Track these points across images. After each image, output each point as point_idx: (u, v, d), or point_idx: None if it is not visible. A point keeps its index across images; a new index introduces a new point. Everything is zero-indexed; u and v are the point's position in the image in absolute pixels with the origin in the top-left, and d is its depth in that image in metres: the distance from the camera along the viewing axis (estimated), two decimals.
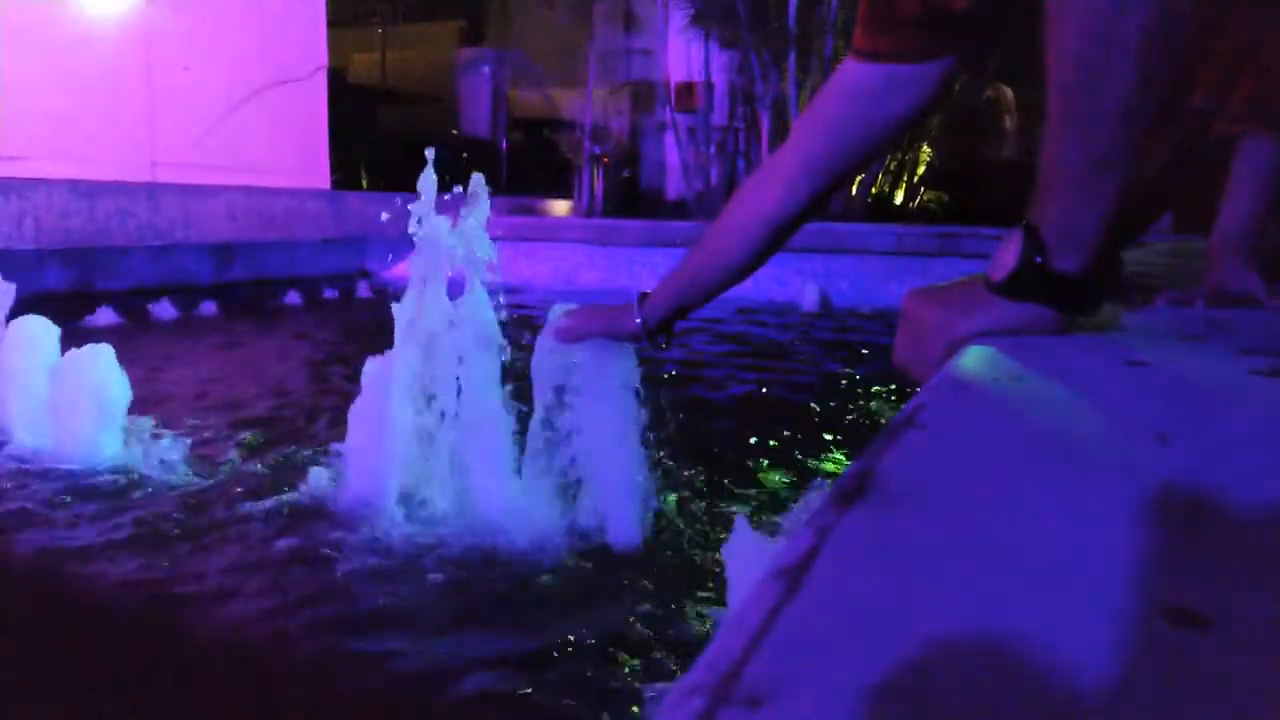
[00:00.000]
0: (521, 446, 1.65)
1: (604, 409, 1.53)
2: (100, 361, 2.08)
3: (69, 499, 1.82)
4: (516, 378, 1.66)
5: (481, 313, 1.67)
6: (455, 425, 1.70)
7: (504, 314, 1.69)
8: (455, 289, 1.71)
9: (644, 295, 1.36)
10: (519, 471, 1.65)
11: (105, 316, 4.14)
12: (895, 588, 0.36)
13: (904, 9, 1.02)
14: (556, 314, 1.51)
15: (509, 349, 1.68)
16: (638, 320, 1.35)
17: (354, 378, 1.83)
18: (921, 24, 1.02)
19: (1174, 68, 0.77)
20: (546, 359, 1.52)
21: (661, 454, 1.63)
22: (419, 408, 1.72)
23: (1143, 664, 0.30)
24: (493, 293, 1.70)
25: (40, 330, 2.20)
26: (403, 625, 1.34)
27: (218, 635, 1.35)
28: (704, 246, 1.27)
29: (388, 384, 1.73)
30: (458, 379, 1.68)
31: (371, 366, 1.77)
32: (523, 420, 1.65)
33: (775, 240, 1.21)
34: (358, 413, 1.79)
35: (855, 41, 1.10)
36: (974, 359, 0.81)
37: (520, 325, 1.73)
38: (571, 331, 1.47)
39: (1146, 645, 0.31)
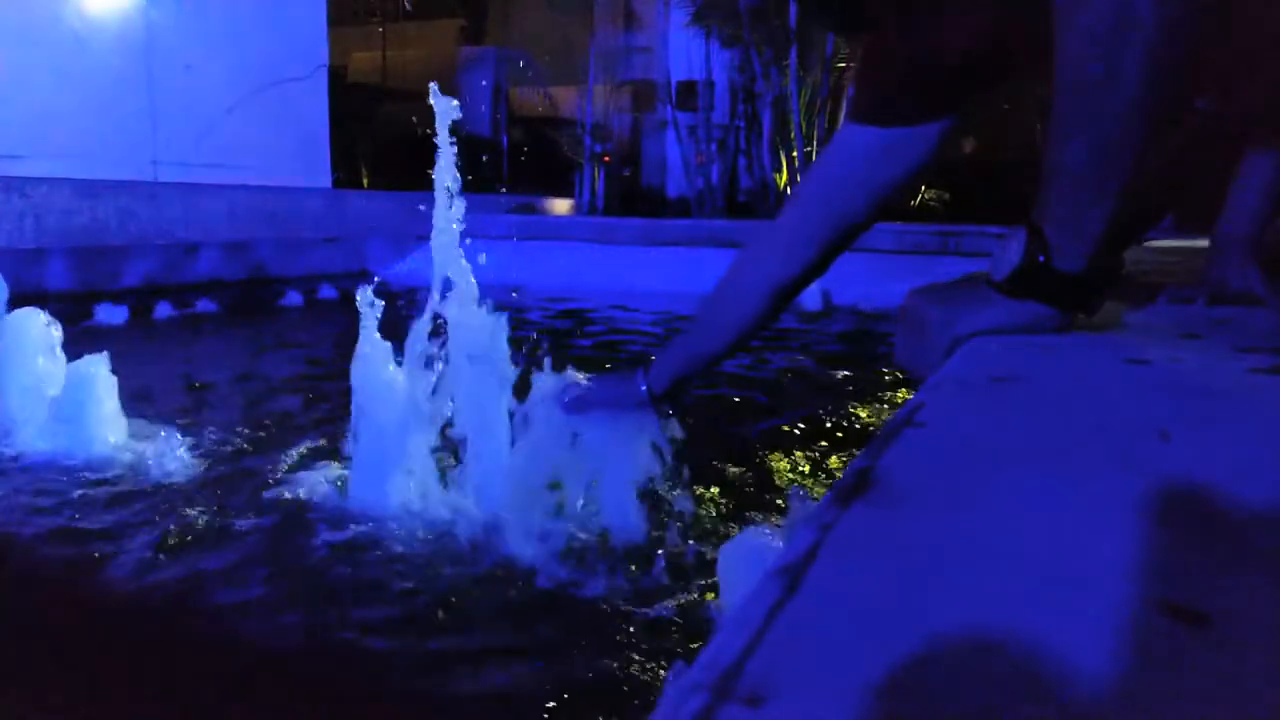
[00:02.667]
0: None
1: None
2: (98, 361, 2.08)
3: (67, 498, 1.82)
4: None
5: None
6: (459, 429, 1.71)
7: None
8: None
9: (649, 362, 1.35)
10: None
11: (102, 315, 4.15)
12: (896, 585, 0.36)
13: (898, 71, 1.02)
14: (562, 385, 1.49)
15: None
16: (643, 388, 1.34)
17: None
18: (916, 85, 1.02)
19: (1180, 71, 0.77)
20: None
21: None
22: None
23: (1142, 661, 0.30)
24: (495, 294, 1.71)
25: (37, 325, 2.20)
26: (403, 623, 1.34)
27: (216, 633, 1.35)
28: (708, 311, 1.26)
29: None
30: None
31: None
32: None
33: (780, 303, 1.20)
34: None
35: (852, 105, 1.10)
36: (974, 357, 0.81)
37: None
38: (578, 403, 1.45)
39: (1146, 642, 0.31)
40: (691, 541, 1.57)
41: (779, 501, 1.85)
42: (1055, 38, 0.79)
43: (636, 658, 1.24)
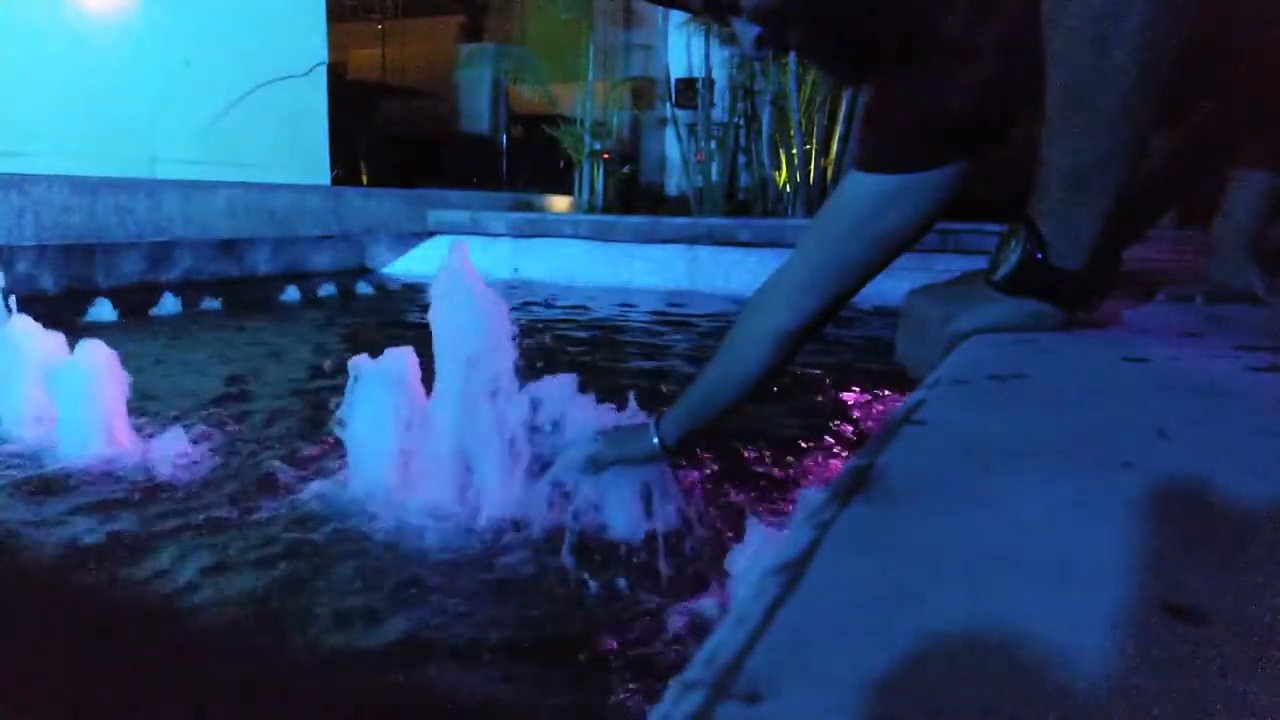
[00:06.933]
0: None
1: None
2: (98, 357, 2.08)
3: (68, 496, 1.82)
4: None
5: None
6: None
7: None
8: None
9: (660, 414, 1.35)
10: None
11: (103, 312, 4.15)
12: (895, 583, 0.36)
13: (901, 121, 1.02)
14: (575, 442, 1.48)
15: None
16: (654, 441, 1.34)
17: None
18: (919, 135, 1.01)
19: (1172, 68, 0.77)
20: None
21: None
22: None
23: (1141, 659, 0.30)
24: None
25: (35, 327, 2.21)
26: (400, 620, 1.34)
27: (216, 632, 1.35)
28: (717, 361, 1.25)
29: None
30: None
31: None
32: None
33: (788, 352, 1.20)
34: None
35: (855, 153, 1.10)
36: (973, 355, 0.81)
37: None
38: (592, 463, 1.44)
39: (1145, 640, 0.31)
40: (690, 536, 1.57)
41: (776, 499, 1.85)
42: (1046, 35, 0.79)
43: (632, 656, 1.24)
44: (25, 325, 2.21)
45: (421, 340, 1.79)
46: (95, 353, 2.08)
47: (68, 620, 1.40)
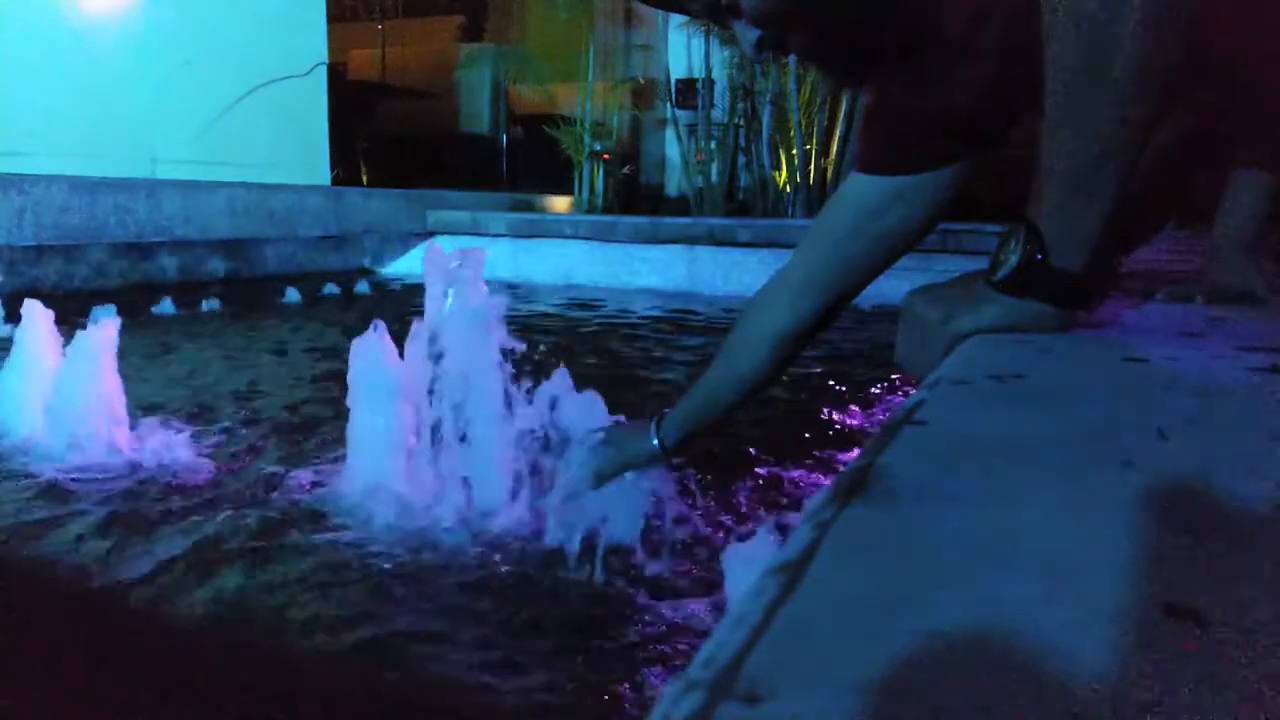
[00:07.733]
0: None
1: None
2: (101, 354, 2.08)
3: (69, 495, 1.82)
4: None
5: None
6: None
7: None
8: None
9: (661, 415, 1.35)
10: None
11: (104, 313, 4.14)
12: (895, 583, 0.36)
13: (900, 123, 1.02)
14: (579, 443, 1.46)
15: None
16: (655, 443, 1.34)
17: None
18: (918, 137, 1.01)
19: (1171, 71, 0.77)
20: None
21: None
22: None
23: (1141, 660, 0.30)
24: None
25: (42, 321, 2.21)
26: (399, 620, 1.34)
27: (217, 632, 1.35)
28: (718, 362, 1.25)
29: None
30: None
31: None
32: None
33: (789, 353, 1.19)
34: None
35: (856, 155, 1.10)
36: (973, 355, 0.81)
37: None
38: (598, 477, 1.43)
39: (1145, 641, 0.31)
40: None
41: (774, 500, 1.85)
42: (1045, 36, 0.79)
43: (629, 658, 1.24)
44: (31, 322, 2.21)
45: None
46: (92, 350, 2.08)
47: (63, 619, 1.40)
